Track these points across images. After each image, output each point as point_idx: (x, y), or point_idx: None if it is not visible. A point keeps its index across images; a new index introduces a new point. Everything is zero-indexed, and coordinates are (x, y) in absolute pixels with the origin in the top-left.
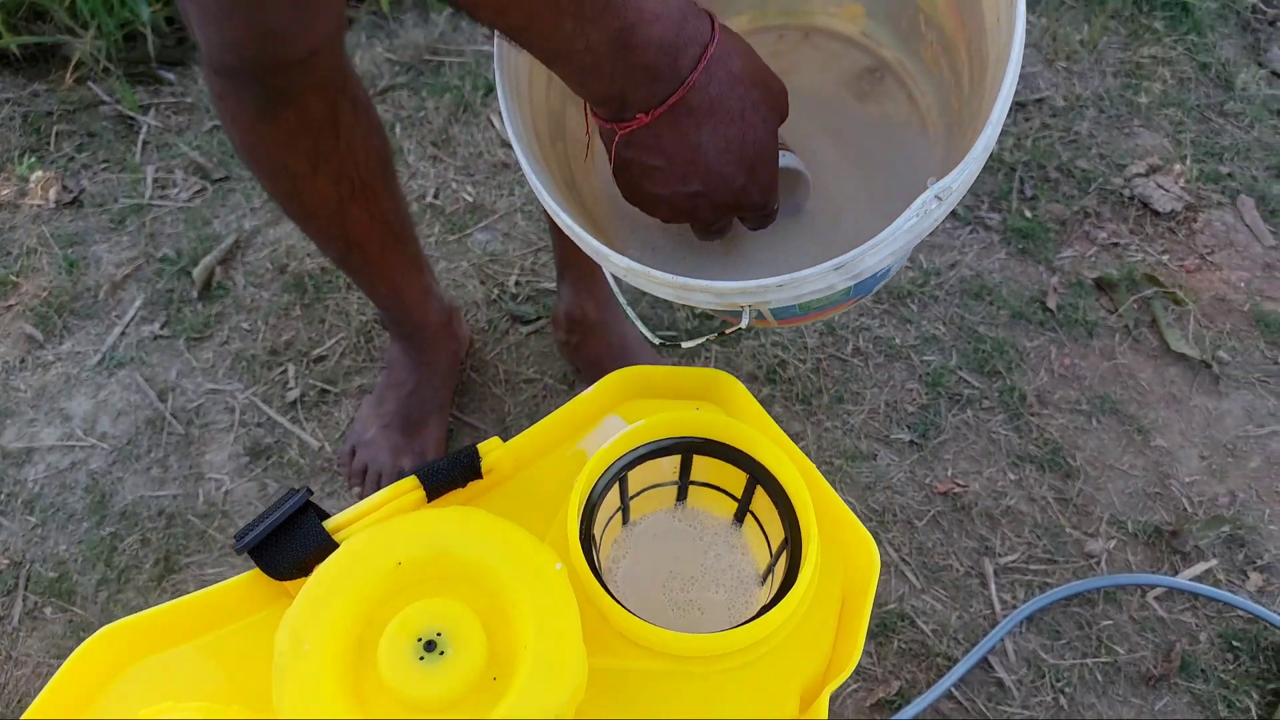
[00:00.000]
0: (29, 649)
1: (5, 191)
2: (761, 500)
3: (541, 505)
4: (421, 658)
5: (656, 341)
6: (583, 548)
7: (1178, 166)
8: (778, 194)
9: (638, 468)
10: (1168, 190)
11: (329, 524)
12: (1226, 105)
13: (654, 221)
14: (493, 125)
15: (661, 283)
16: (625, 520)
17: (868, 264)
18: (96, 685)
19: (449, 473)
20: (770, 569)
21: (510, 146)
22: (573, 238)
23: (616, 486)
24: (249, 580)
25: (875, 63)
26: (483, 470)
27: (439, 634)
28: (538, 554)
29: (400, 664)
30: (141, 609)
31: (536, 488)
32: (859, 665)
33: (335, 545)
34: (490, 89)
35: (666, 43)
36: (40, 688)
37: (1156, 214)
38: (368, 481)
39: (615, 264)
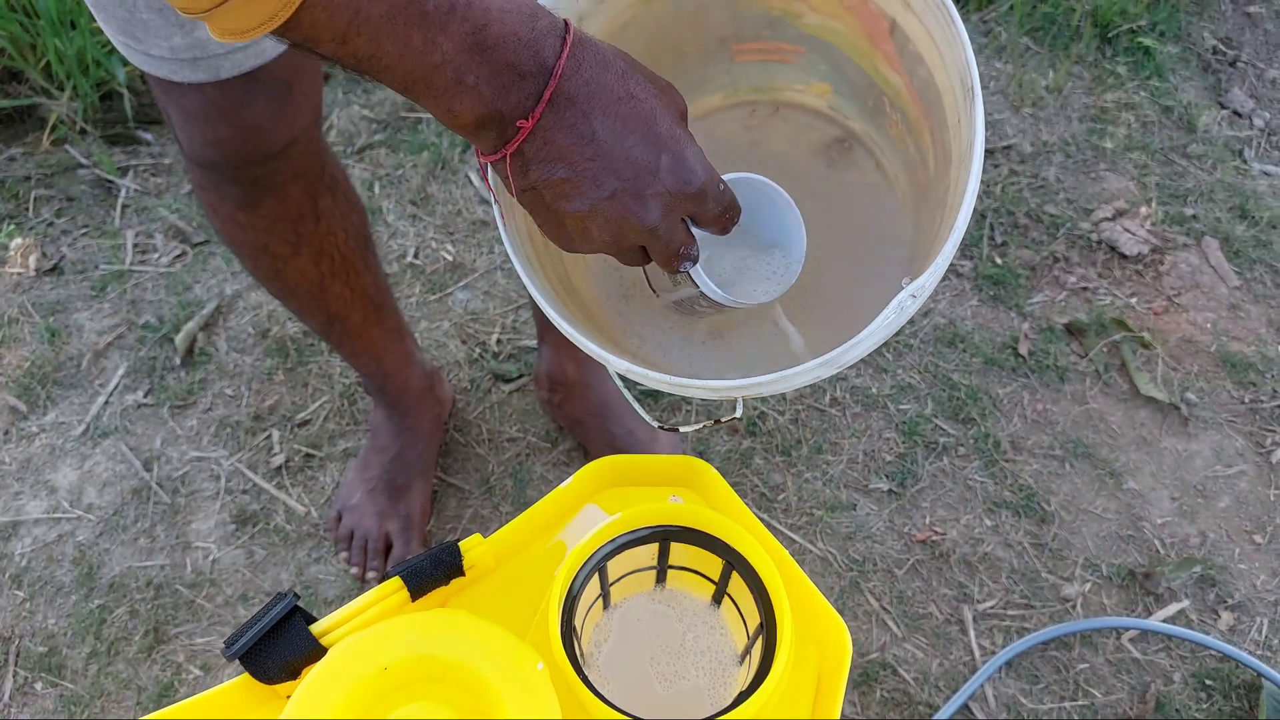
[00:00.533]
0: None
1: None
2: (738, 584)
3: (523, 597)
4: None
5: (656, 426)
6: (564, 640)
7: (1144, 209)
8: (721, 182)
9: (617, 556)
10: (1134, 234)
11: (316, 628)
12: (1189, 147)
13: (653, 317)
14: (470, 182)
15: (658, 382)
16: (606, 605)
17: (850, 359)
18: None
19: (431, 571)
20: (749, 649)
21: (489, 204)
22: (575, 343)
23: (597, 575)
24: (240, 685)
25: (844, 134)
26: (464, 567)
27: None
28: (519, 654)
29: None
30: (132, 680)
31: (518, 581)
32: (844, 715)
33: (323, 649)
34: (469, 145)
35: (522, 36)
36: None
37: (1124, 257)
38: (354, 547)
39: (615, 366)
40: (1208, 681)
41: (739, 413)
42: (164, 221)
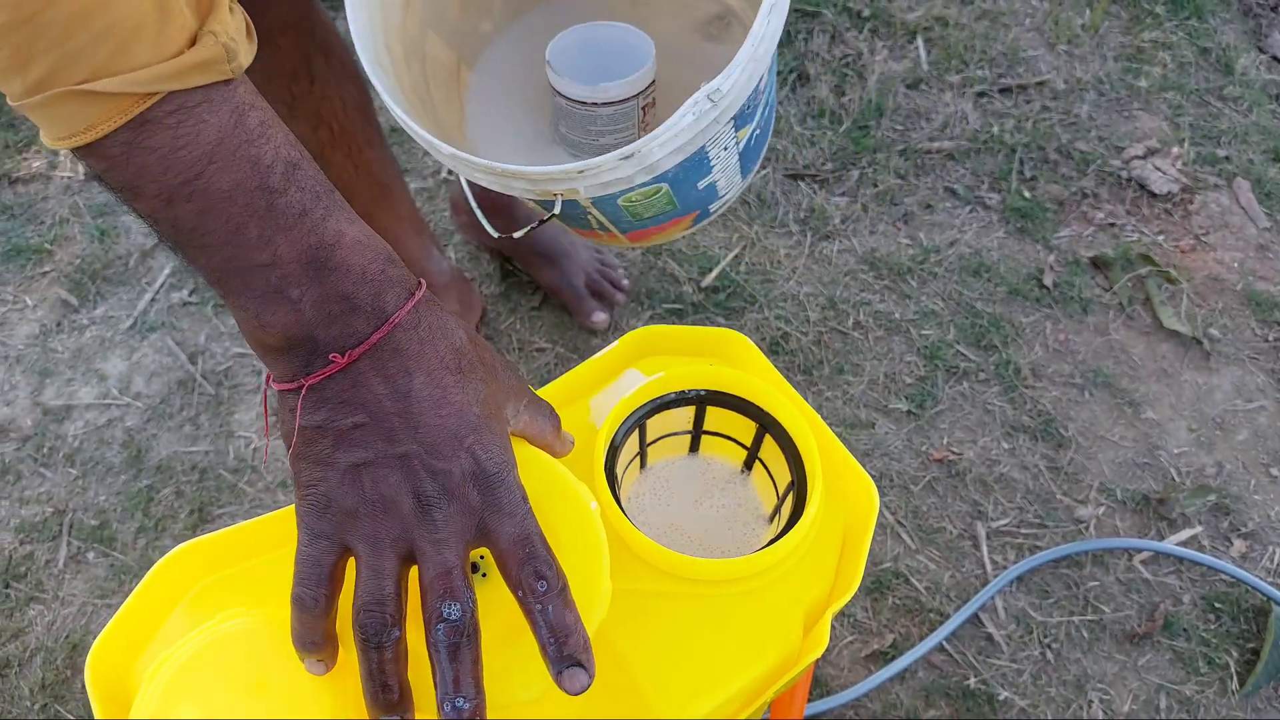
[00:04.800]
0: (74, 590)
1: (37, 164)
2: (770, 448)
3: None
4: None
5: (494, 234)
6: (608, 482)
7: (1175, 149)
8: (527, 516)
9: (655, 416)
10: (1165, 172)
11: None
12: (1226, 90)
13: (509, 140)
14: None
15: (483, 169)
16: (643, 465)
17: (655, 155)
18: (171, 596)
19: None
20: (777, 510)
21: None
22: (409, 132)
23: (636, 433)
24: (290, 513)
25: (723, 10)
26: None
27: (481, 558)
28: (576, 493)
29: None
30: None
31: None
32: (856, 619)
33: None
34: None
35: (369, 274)
36: (85, 627)
37: (1153, 195)
38: None
39: (441, 152)
40: (1216, 604)
41: (557, 209)
42: None
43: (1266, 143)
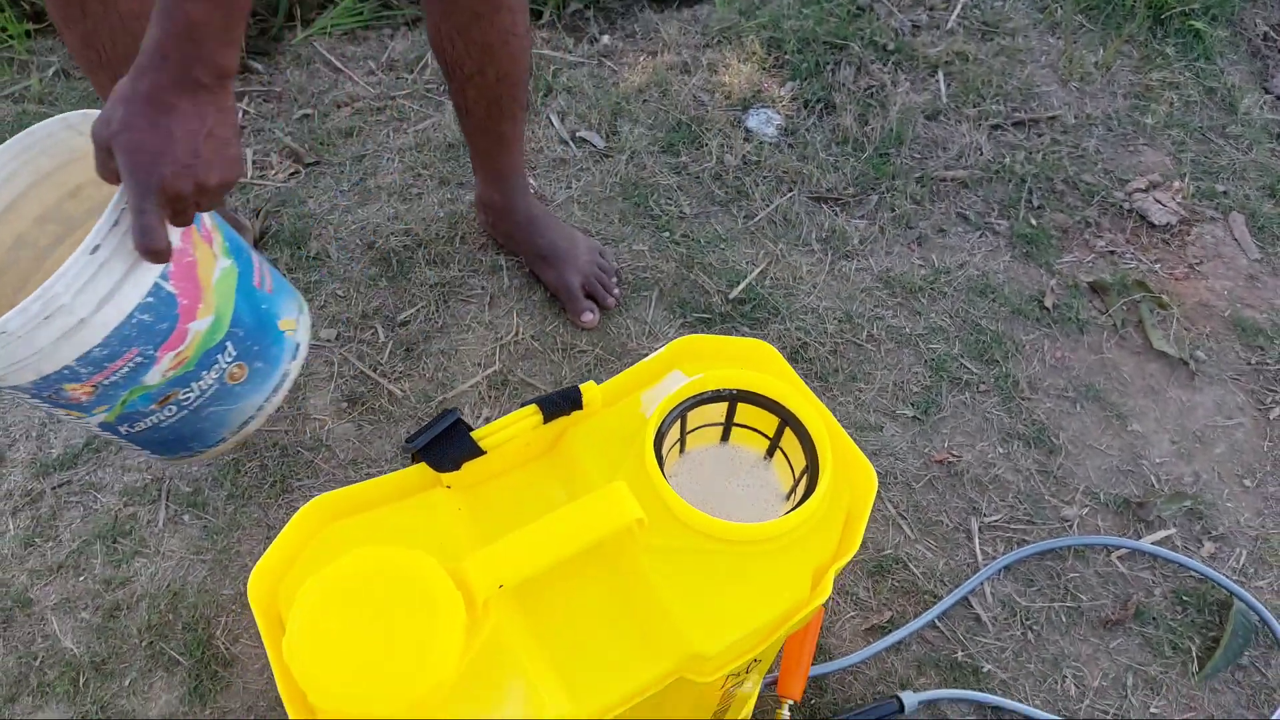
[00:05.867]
0: (173, 546)
1: None
2: (789, 439)
3: (621, 431)
4: None
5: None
6: (656, 461)
7: (1176, 183)
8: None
9: (694, 410)
10: (1164, 205)
11: (475, 434)
12: (1228, 128)
13: None
14: (552, 124)
15: None
16: (682, 450)
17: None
18: (308, 535)
19: (560, 403)
20: (793, 489)
21: (568, 143)
22: None
23: (678, 423)
24: (415, 471)
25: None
26: (583, 403)
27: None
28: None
29: None
30: (262, 521)
31: (618, 419)
32: (858, 597)
33: (480, 449)
34: (549, 90)
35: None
36: (183, 578)
37: (1152, 226)
38: None
39: None
40: (1185, 598)
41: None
42: (278, 142)
43: (1263, 179)
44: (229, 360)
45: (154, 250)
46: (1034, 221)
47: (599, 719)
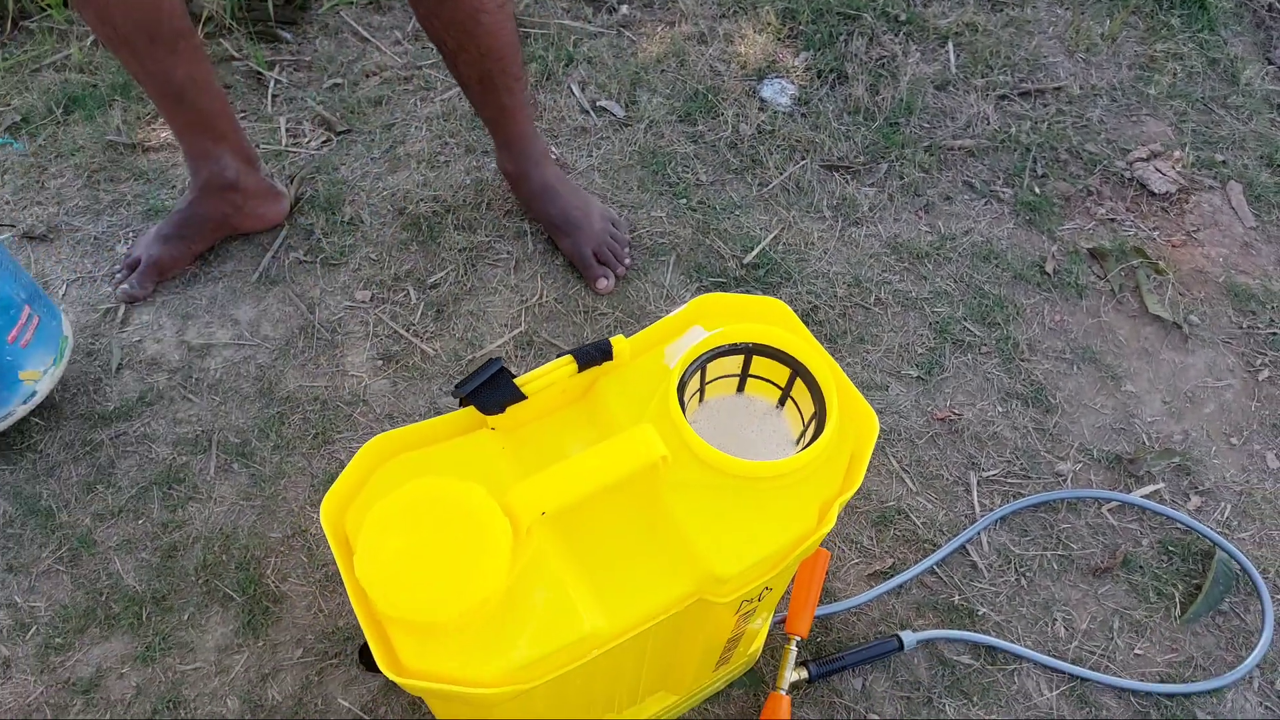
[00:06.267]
0: (224, 492)
1: (164, 134)
2: (800, 389)
3: (647, 380)
4: None
5: None
6: (680, 407)
7: (1177, 153)
8: None
9: (713, 362)
10: (1164, 174)
11: (517, 380)
12: (1230, 99)
13: None
14: (573, 94)
15: None
16: (702, 399)
17: None
18: (371, 468)
19: (593, 354)
20: (804, 433)
21: (589, 112)
22: None
23: (698, 374)
24: (464, 414)
25: None
26: (614, 354)
27: None
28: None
29: None
30: (306, 470)
31: (645, 370)
32: (862, 545)
33: (522, 395)
34: (570, 60)
35: None
36: (234, 522)
37: (1152, 194)
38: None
39: None
40: (1170, 548)
41: None
42: (310, 111)
43: (1262, 149)
44: None
45: None
46: (1037, 190)
47: (629, 630)
